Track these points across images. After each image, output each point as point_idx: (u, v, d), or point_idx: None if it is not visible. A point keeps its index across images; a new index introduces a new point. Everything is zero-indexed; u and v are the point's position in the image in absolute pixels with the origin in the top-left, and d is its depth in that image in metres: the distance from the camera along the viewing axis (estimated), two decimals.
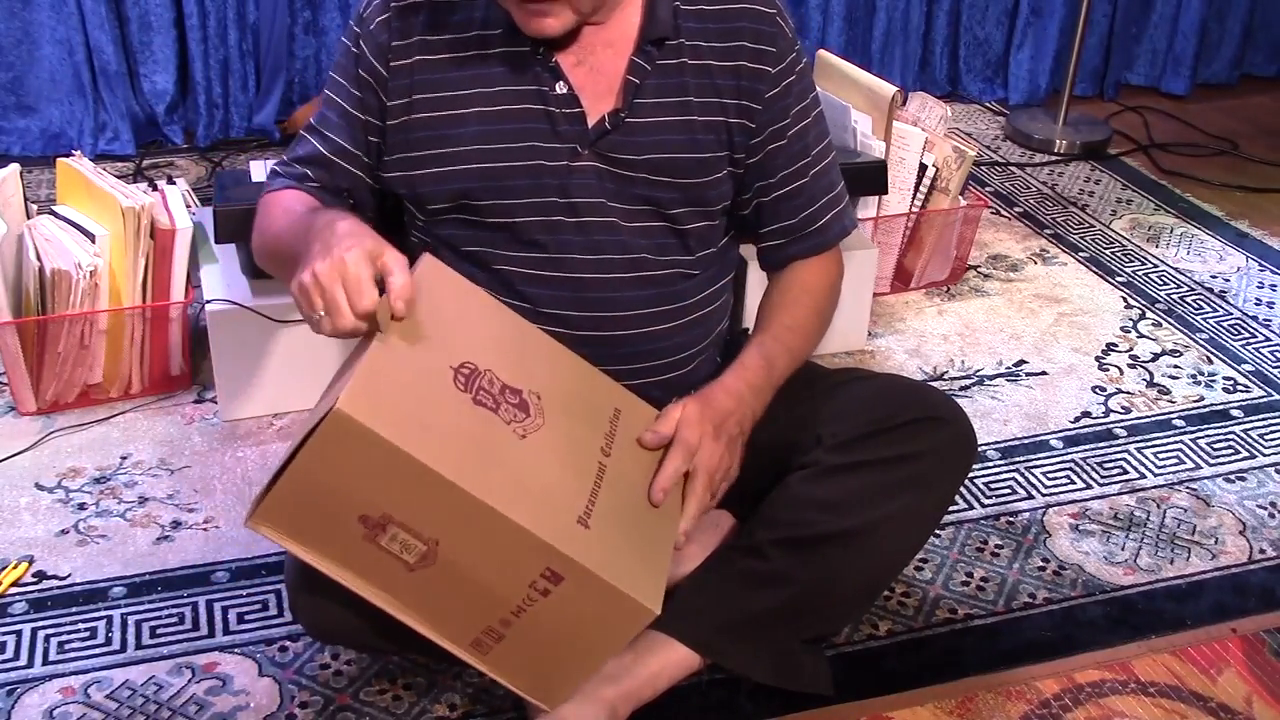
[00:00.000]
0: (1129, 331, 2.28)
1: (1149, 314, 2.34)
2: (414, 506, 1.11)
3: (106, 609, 1.56)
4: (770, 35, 1.36)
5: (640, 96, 1.34)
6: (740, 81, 1.36)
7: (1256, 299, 2.42)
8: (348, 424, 1.05)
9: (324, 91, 1.42)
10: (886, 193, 2.21)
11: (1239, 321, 2.33)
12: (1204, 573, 1.68)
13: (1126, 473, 1.88)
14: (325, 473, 1.09)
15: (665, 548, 1.25)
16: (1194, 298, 2.41)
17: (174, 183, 2.10)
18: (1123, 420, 2.02)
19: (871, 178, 2.16)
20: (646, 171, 1.35)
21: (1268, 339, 2.27)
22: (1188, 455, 1.93)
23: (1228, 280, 2.49)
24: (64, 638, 1.52)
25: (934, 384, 2.08)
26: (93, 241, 1.85)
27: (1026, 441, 1.95)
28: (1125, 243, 2.62)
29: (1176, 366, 2.17)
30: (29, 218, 1.93)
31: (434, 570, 1.14)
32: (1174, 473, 1.89)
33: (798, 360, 1.42)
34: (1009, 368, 2.15)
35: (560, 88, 1.33)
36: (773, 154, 1.40)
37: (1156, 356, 2.20)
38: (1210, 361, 2.19)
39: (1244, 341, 2.26)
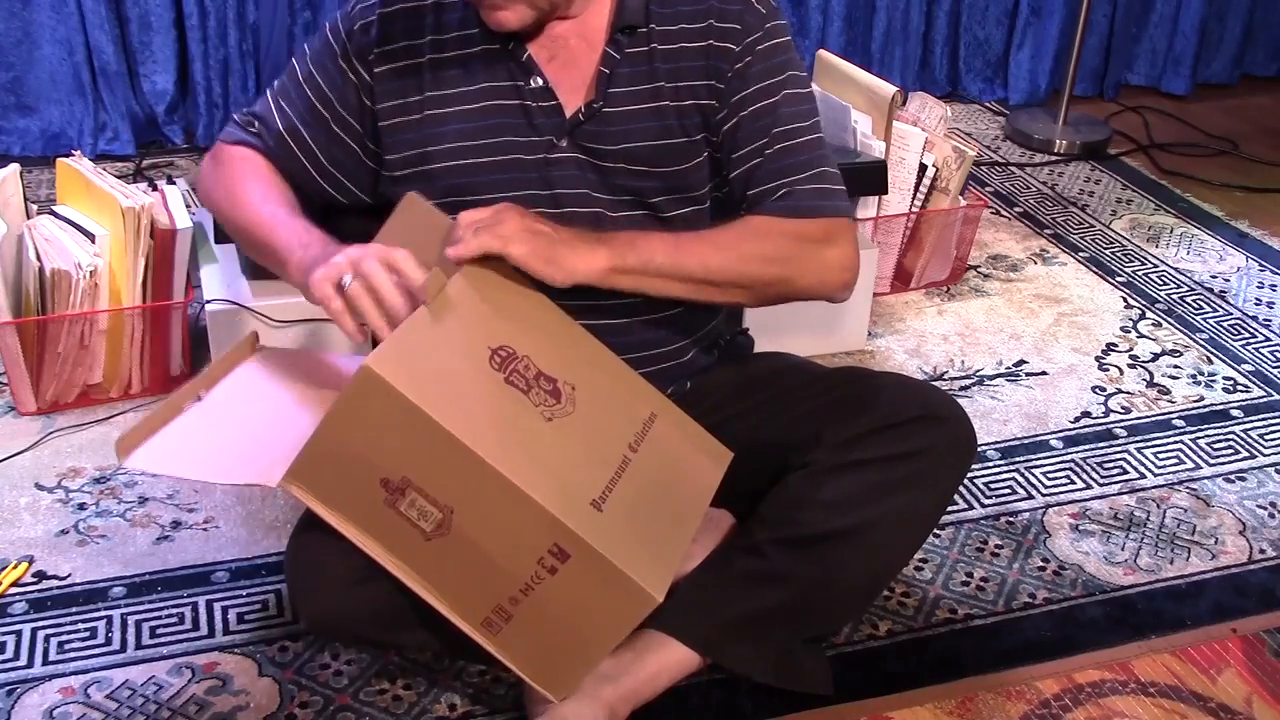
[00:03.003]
0: (1129, 331, 2.28)
1: (1149, 314, 2.34)
2: (431, 471, 1.13)
3: (106, 609, 1.56)
4: (736, 13, 1.36)
5: (614, 86, 1.35)
6: (708, 61, 1.36)
7: (1256, 299, 2.42)
8: (375, 382, 1.08)
9: (294, 74, 1.43)
10: (886, 193, 2.21)
11: (1239, 321, 2.33)
12: (1204, 573, 1.68)
13: (1126, 473, 1.88)
14: (351, 432, 1.12)
15: (678, 544, 1.26)
16: (1194, 298, 2.41)
17: (174, 183, 2.11)
18: (1123, 420, 2.02)
19: (871, 178, 2.16)
20: (624, 161, 1.36)
21: (1268, 339, 2.27)
22: (1188, 455, 1.93)
23: (1228, 280, 2.49)
24: (64, 638, 1.52)
25: (934, 384, 2.08)
26: (93, 241, 1.85)
27: (1026, 441, 1.95)
28: (1125, 243, 2.62)
29: (1176, 366, 2.18)
30: (29, 218, 1.93)
31: (449, 541, 1.16)
32: (1174, 473, 1.89)
33: (712, 254, 1.32)
34: (1009, 368, 2.15)
35: (535, 81, 1.34)
36: (736, 127, 1.36)
37: (1156, 356, 2.20)
38: (1210, 361, 2.19)
39: (1244, 341, 2.26)
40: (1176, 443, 1.96)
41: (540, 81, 1.35)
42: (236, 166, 1.43)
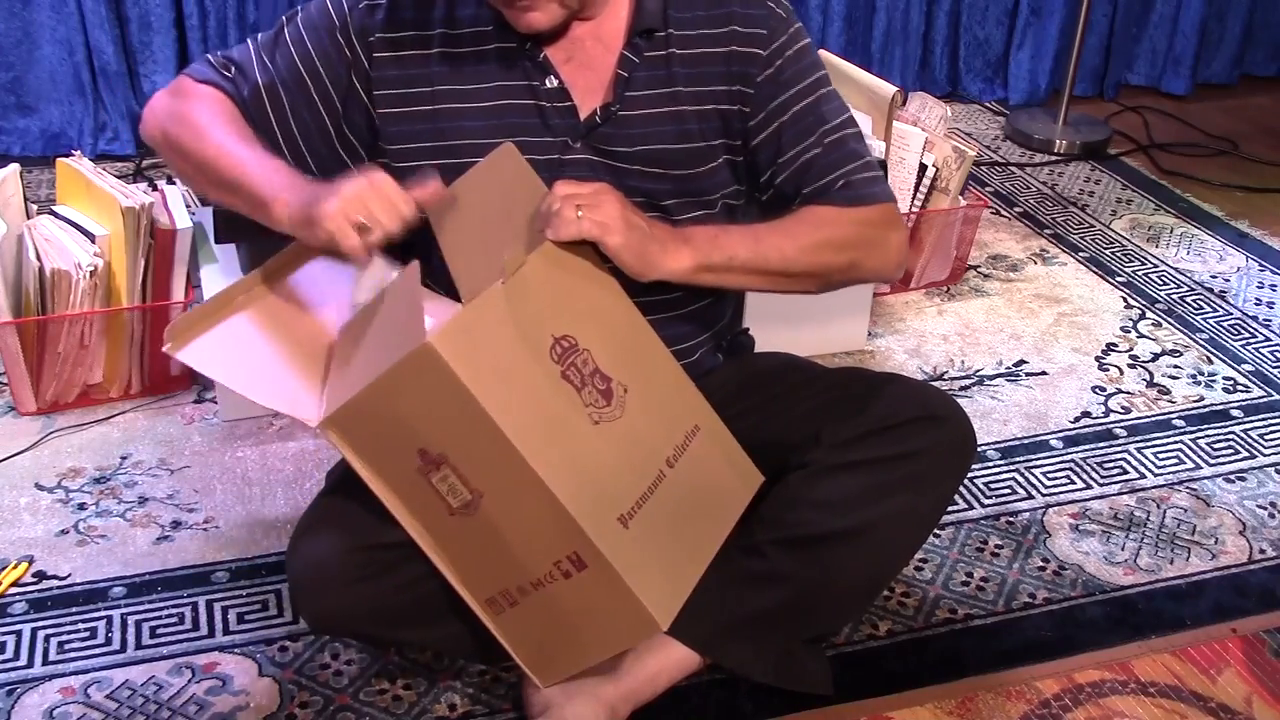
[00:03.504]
0: (1129, 331, 2.28)
1: (1149, 314, 2.34)
2: (470, 455, 1.14)
3: (106, 609, 1.56)
4: (759, 18, 1.36)
5: (631, 89, 1.34)
6: (731, 67, 1.35)
7: (1256, 299, 2.42)
8: (434, 359, 1.08)
9: (282, 34, 1.40)
10: None
11: (1239, 321, 2.33)
12: (1204, 573, 1.68)
13: (1126, 473, 1.88)
14: (400, 398, 1.13)
15: (694, 571, 1.26)
16: (1194, 298, 2.41)
17: (174, 182, 2.10)
18: (1123, 420, 2.02)
19: None
20: (639, 164, 1.36)
21: (1268, 339, 2.28)
22: (1188, 455, 1.93)
23: (1228, 280, 2.49)
24: (64, 638, 1.52)
25: (934, 384, 2.08)
26: (93, 241, 1.85)
27: (1026, 441, 1.95)
28: (1125, 243, 2.62)
29: (1176, 366, 2.18)
30: (29, 218, 1.93)
31: (472, 521, 1.17)
32: (1174, 473, 1.89)
33: (789, 245, 1.33)
34: (1009, 368, 2.15)
35: (550, 82, 1.34)
36: (778, 131, 1.37)
37: (1156, 356, 2.20)
38: (1210, 361, 2.19)
39: (1244, 341, 2.26)
40: (1176, 443, 1.96)
41: (556, 82, 1.34)
42: (206, 103, 1.38)
